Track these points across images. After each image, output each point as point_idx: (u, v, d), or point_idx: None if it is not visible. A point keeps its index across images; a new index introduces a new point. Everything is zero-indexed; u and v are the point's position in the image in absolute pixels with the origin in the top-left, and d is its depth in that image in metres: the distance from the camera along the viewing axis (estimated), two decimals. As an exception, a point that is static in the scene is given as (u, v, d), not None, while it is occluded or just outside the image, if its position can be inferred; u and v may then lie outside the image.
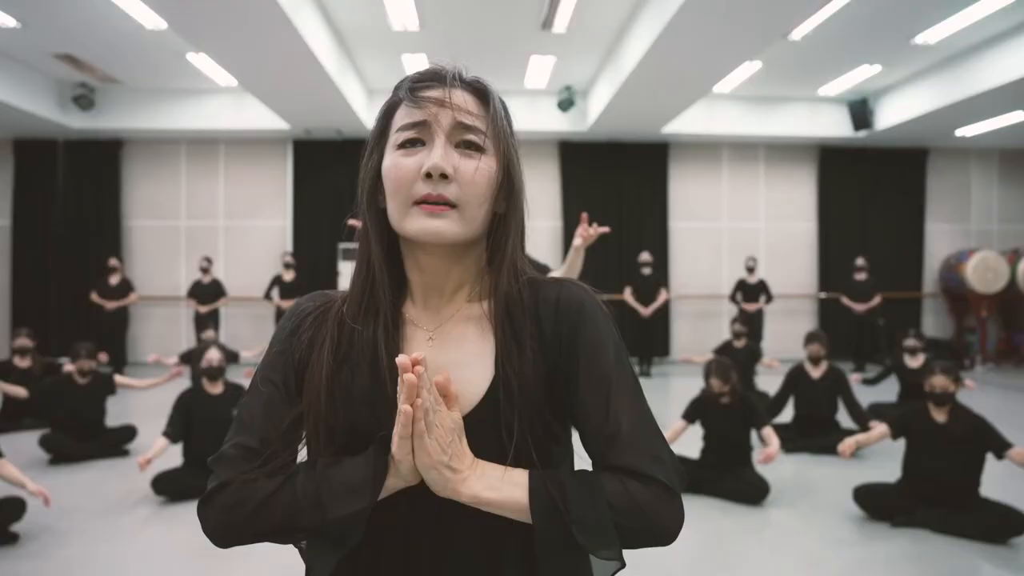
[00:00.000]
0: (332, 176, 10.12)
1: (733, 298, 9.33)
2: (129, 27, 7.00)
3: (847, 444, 3.85)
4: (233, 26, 5.91)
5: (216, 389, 4.40)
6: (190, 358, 5.94)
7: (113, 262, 9.26)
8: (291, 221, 10.35)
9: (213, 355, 4.39)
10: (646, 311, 9.00)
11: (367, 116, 9.38)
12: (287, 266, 9.35)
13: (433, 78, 0.87)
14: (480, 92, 0.87)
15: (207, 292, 9.25)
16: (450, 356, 0.85)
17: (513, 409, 0.79)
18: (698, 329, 10.51)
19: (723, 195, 10.69)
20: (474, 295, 0.89)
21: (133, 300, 9.40)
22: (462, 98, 0.85)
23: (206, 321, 9.10)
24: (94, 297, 9.10)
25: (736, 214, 10.70)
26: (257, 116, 9.47)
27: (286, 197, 10.40)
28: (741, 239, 10.63)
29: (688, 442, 4.49)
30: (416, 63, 8.31)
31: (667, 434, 4.40)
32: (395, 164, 0.83)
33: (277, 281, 9.31)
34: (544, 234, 10.36)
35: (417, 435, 0.74)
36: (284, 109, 8.70)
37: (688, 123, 9.65)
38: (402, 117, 0.85)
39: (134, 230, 10.38)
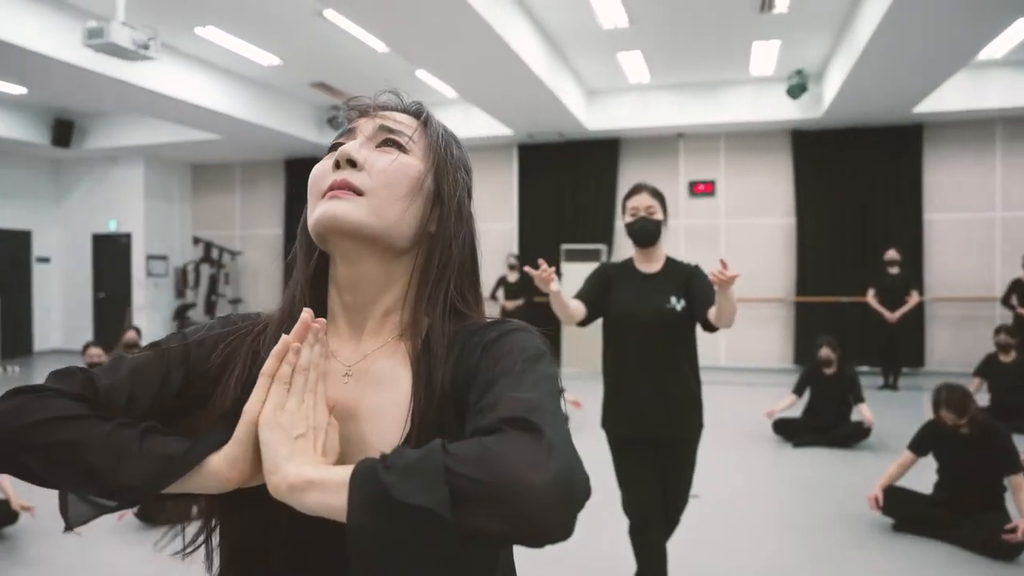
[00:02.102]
0: (555, 178, 10.31)
1: (1007, 301, 7.91)
2: (364, 52, 7.70)
3: None
4: (445, 44, 6.25)
5: None
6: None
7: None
8: (517, 223, 10.72)
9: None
10: (892, 316, 7.98)
11: (587, 117, 9.42)
12: (511, 267, 9.70)
13: (370, 100, 0.85)
14: (415, 112, 0.85)
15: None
16: (365, 400, 0.75)
17: None
18: (960, 337, 9.07)
19: (996, 180, 9.12)
20: (405, 329, 0.78)
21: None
22: (392, 112, 0.83)
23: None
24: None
25: (1014, 202, 9.07)
26: (483, 124, 9.93)
27: (512, 200, 10.79)
28: (1020, 231, 8.99)
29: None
30: (632, 61, 8.16)
31: (891, 468, 3.84)
32: (315, 167, 0.79)
33: (502, 282, 9.69)
34: (776, 231, 9.65)
35: (279, 378, 0.67)
36: (505, 116, 9.03)
37: (948, 99, 8.36)
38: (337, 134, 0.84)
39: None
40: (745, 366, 9.73)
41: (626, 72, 8.66)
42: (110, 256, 11.80)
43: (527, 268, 2.31)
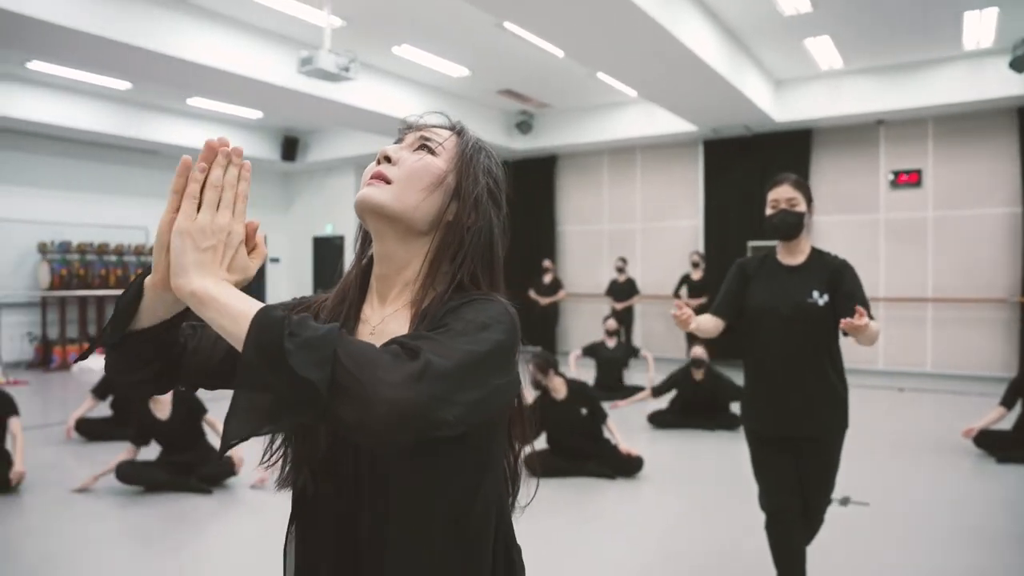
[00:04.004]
0: (741, 173, 10.00)
1: None
2: (545, 58, 8.01)
3: None
4: (619, 47, 6.36)
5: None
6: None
7: (547, 263, 10.63)
8: (702, 220, 10.53)
9: None
10: None
11: (774, 109, 9.06)
12: (695, 265, 9.57)
13: (420, 119, 1.03)
14: (453, 127, 1.01)
15: (623, 290, 10.00)
16: None
17: None
18: None
19: None
20: (413, 299, 0.93)
21: (562, 297, 10.67)
22: (435, 128, 1.00)
23: (622, 317, 9.90)
24: (531, 294, 10.58)
25: None
26: (666, 121, 9.89)
27: (697, 196, 10.61)
28: None
29: None
30: (821, 46, 7.74)
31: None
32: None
33: (686, 279, 9.59)
34: (997, 223, 8.63)
35: (187, 194, 0.78)
36: (687, 112, 8.93)
37: None
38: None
39: (565, 234, 11.77)
40: (955, 373, 8.80)
41: (815, 59, 8.21)
42: (327, 256, 13.23)
43: (673, 312, 2.42)
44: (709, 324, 2.60)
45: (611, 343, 7.51)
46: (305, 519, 0.93)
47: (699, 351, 5.97)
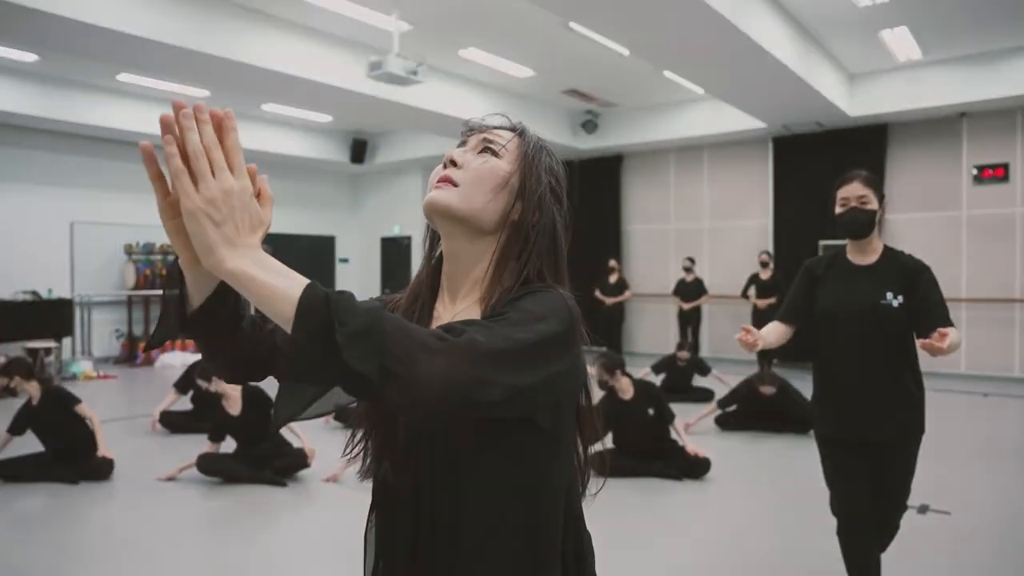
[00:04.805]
0: (813, 170, 9.71)
1: None
2: (611, 57, 7.98)
3: None
4: (686, 44, 6.29)
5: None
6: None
7: (612, 263, 10.57)
8: (772, 218, 10.29)
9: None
10: None
11: (848, 103, 8.79)
12: (764, 264, 9.35)
13: (481, 121, 1.06)
14: (514, 128, 1.03)
15: (690, 290, 9.86)
16: None
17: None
18: None
19: None
20: (483, 295, 0.96)
21: (628, 297, 10.59)
22: (497, 130, 1.02)
23: (689, 317, 9.78)
24: (596, 294, 10.53)
25: None
26: (735, 118, 9.70)
27: (767, 195, 10.38)
28: None
29: None
30: (898, 38, 7.46)
31: None
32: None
33: (754, 280, 9.38)
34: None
35: (176, 174, 0.71)
36: (756, 109, 8.75)
37: None
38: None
39: (631, 234, 11.69)
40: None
41: (892, 50, 7.92)
42: (394, 256, 13.49)
43: (739, 337, 2.39)
44: (776, 336, 2.56)
45: (682, 360, 7.36)
46: (384, 507, 0.98)
47: (766, 380, 5.84)
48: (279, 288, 0.69)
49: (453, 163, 0.98)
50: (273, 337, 0.98)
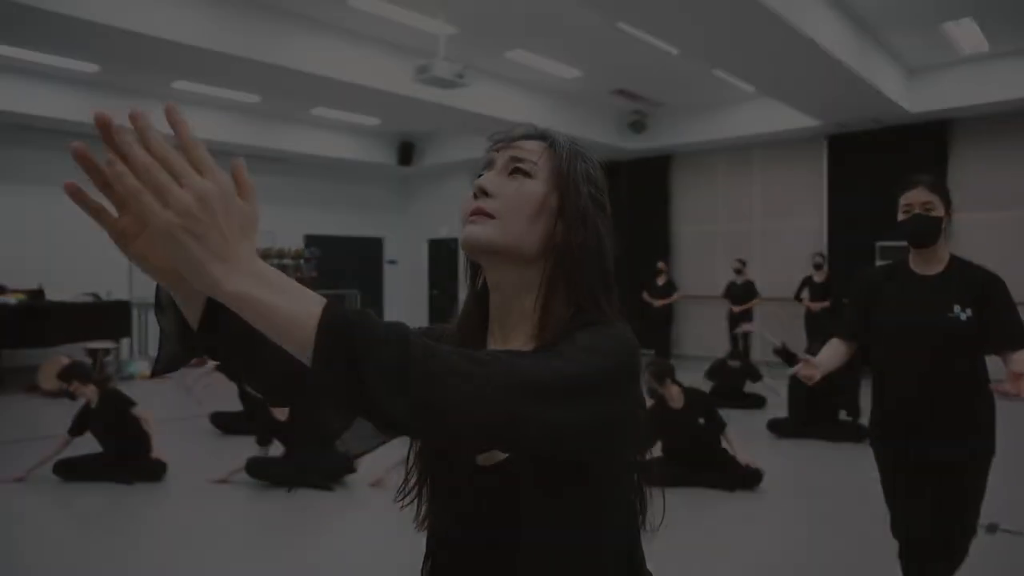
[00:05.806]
0: (869, 169, 9.41)
1: None
2: (659, 56, 7.84)
3: None
4: (736, 41, 6.14)
5: None
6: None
7: (660, 265, 10.41)
8: (826, 219, 10.00)
9: None
10: None
11: (907, 100, 8.48)
12: (817, 267, 9.09)
13: (506, 134, 0.97)
14: (542, 136, 0.94)
15: (740, 292, 9.65)
16: None
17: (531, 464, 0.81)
18: None
19: None
20: (536, 329, 0.89)
21: (676, 299, 10.43)
22: (522, 142, 0.94)
23: (740, 320, 9.55)
24: (644, 296, 10.39)
25: None
26: (787, 117, 9.45)
27: (821, 194, 10.09)
28: None
29: None
30: (963, 29, 7.16)
31: None
32: (464, 199, 0.96)
33: (807, 282, 9.12)
34: None
35: (132, 194, 0.59)
36: (809, 106, 8.51)
37: None
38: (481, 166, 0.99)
39: (679, 235, 11.50)
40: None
41: (956, 43, 7.60)
42: (441, 258, 13.54)
43: (798, 372, 2.32)
44: (837, 360, 2.48)
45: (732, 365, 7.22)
46: (438, 556, 0.94)
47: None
48: (291, 314, 0.61)
49: (484, 192, 0.91)
50: None
